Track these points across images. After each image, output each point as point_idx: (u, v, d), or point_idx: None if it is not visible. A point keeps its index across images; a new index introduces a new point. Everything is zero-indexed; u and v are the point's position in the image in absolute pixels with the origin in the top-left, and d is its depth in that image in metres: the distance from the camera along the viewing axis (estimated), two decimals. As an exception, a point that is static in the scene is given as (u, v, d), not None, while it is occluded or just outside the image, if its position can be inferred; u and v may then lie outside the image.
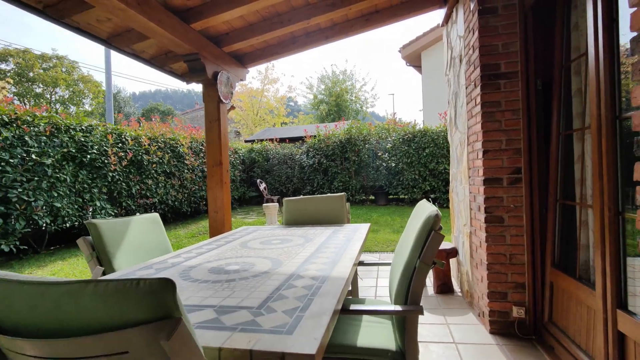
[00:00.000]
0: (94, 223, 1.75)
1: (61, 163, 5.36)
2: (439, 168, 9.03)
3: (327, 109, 30.04)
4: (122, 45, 3.18)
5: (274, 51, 3.99)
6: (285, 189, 11.26)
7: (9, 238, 4.59)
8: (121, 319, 0.57)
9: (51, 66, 31.86)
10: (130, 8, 2.28)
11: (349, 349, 1.30)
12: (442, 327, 2.57)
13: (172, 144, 7.93)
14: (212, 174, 3.42)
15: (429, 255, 1.18)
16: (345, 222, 2.64)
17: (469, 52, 2.68)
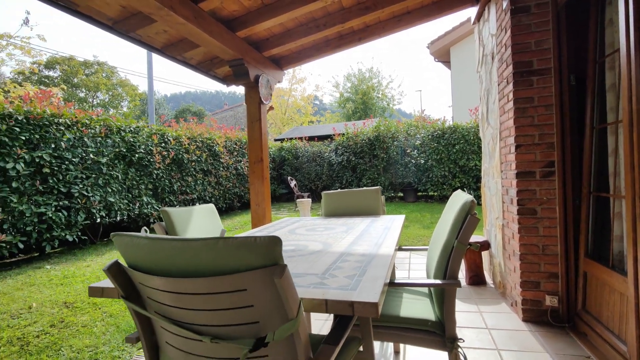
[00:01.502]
0: (166, 211, 2.04)
1: (114, 162, 5.87)
2: (470, 164, 8.94)
3: (354, 107, 30.06)
4: (175, 54, 3.51)
5: (309, 54, 4.21)
6: (315, 186, 11.52)
7: (72, 229, 5.12)
8: (244, 265, 0.79)
9: (93, 72, 33.94)
10: (189, 22, 2.57)
11: (394, 319, 1.48)
12: (475, 314, 2.68)
13: (209, 143, 8.38)
14: (254, 170, 3.69)
15: (465, 236, 1.34)
16: (381, 213, 2.81)
17: (501, 50, 2.77)
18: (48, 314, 2.98)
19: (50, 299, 3.33)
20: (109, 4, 2.60)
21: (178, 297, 0.86)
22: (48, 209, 4.75)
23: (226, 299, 0.82)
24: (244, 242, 0.78)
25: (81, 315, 2.97)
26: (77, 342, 2.52)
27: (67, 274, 4.11)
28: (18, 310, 3.07)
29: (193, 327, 0.88)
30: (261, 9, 3.11)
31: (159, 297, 0.91)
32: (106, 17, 2.78)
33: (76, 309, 3.09)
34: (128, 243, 0.91)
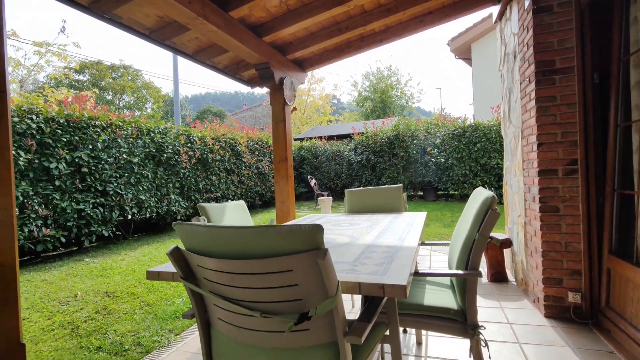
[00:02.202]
0: (203, 206, 2.21)
1: (144, 161, 6.18)
2: (492, 163, 8.82)
3: (372, 106, 29.97)
4: (205, 59, 3.71)
5: (330, 56, 4.32)
6: (334, 185, 11.63)
7: (107, 225, 5.44)
8: (291, 249, 0.91)
9: (119, 75, 35.26)
10: (220, 29, 2.74)
11: (418, 307, 1.58)
12: (497, 310, 2.73)
13: (232, 143, 8.64)
14: (278, 168, 3.85)
15: (487, 229, 1.43)
16: (403, 210, 2.90)
17: (523, 49, 2.80)
18: (92, 302, 3.24)
19: (92, 288, 3.60)
20: (148, 15, 2.80)
21: (231, 276, 1.00)
22: (86, 205, 5.08)
23: (274, 279, 0.95)
24: (290, 229, 0.91)
25: (121, 304, 3.20)
26: (120, 327, 2.74)
27: (105, 267, 4.40)
28: (65, 298, 3.34)
29: (244, 304, 1.02)
30: (286, 14, 3.25)
31: (214, 277, 1.05)
32: (144, 27, 2.99)
33: (116, 298, 3.34)
34: (188, 231, 1.06)
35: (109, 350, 2.41)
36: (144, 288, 3.61)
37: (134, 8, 2.59)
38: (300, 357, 1.04)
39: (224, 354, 1.18)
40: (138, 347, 2.45)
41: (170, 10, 2.39)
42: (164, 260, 4.72)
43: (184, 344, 2.50)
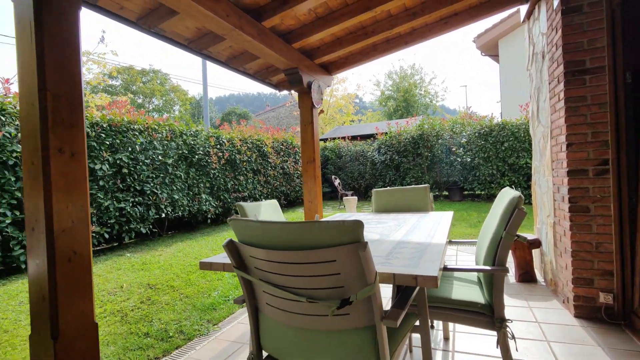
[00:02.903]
0: (241, 205, 2.38)
1: (177, 162, 6.51)
2: (520, 162, 8.62)
3: (395, 105, 29.71)
4: (237, 66, 3.91)
5: (356, 59, 4.42)
6: (358, 185, 11.70)
7: (145, 222, 5.79)
8: (334, 241, 1.04)
9: (149, 79, 36.75)
10: (254, 39, 2.91)
11: (446, 301, 1.67)
12: (525, 309, 2.75)
13: (258, 144, 8.90)
14: (307, 169, 3.99)
15: (513, 228, 1.50)
16: (429, 210, 2.97)
17: (552, 50, 2.80)
18: (136, 293, 3.50)
19: (135, 281, 3.88)
20: (187, 27, 3.02)
21: (280, 266, 1.14)
22: (126, 204, 5.44)
23: (319, 268, 1.08)
24: (334, 225, 1.04)
25: (163, 295, 3.45)
26: (163, 316, 2.97)
27: (145, 261, 4.71)
28: (113, 289, 3.63)
29: (291, 290, 1.15)
30: (315, 21, 3.39)
31: (264, 266, 1.19)
32: (183, 38, 3.22)
33: (158, 290, 3.59)
34: (242, 225, 1.21)
35: (155, 336, 2.63)
36: (181, 282, 3.85)
37: (176, 22, 2.81)
38: (340, 339, 1.17)
39: (271, 335, 1.33)
40: (181, 335, 2.66)
41: (210, 23, 2.58)
42: (197, 256, 4.99)
43: (221, 333, 2.68)
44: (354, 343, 1.15)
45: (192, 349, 2.47)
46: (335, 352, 1.17)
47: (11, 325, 2.81)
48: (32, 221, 1.43)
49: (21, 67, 1.44)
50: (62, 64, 1.47)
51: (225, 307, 3.17)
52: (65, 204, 1.46)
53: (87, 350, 1.51)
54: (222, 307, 3.17)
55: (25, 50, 1.42)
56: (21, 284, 3.90)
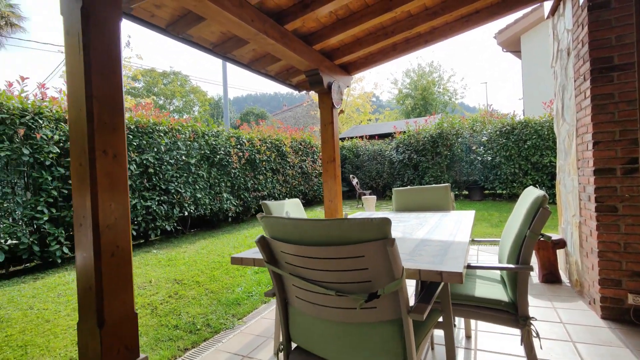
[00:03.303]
0: (266, 203, 2.46)
1: (200, 162, 6.70)
2: (544, 161, 8.40)
3: (413, 103, 29.38)
4: (259, 68, 4.01)
5: (375, 59, 4.45)
6: (376, 184, 11.68)
7: (169, 220, 6.00)
8: (362, 237, 1.10)
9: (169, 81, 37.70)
10: (277, 42, 2.99)
11: (470, 298, 1.70)
12: (549, 310, 2.72)
13: (277, 144, 9.03)
14: (327, 169, 4.05)
15: (538, 226, 1.51)
16: (450, 209, 2.97)
17: (578, 46, 2.75)
18: (164, 288, 3.66)
19: (163, 276, 4.05)
20: (213, 32, 3.13)
21: (311, 260, 1.20)
22: (152, 203, 5.65)
23: (348, 263, 1.14)
24: (363, 222, 1.09)
25: (189, 290, 3.59)
26: (191, 309, 3.10)
27: (170, 258, 4.89)
28: (142, 283, 3.80)
29: (321, 284, 1.22)
30: (335, 23, 3.44)
31: (294, 261, 1.26)
32: (209, 43, 3.34)
33: (184, 285, 3.74)
34: (274, 222, 1.28)
35: (184, 328, 2.75)
36: (206, 277, 3.99)
37: (203, 28, 2.92)
38: (367, 331, 1.22)
39: (300, 327, 1.39)
40: (208, 328, 2.78)
41: (236, 28, 2.67)
42: (220, 253, 5.13)
43: (246, 327, 2.78)
44: (380, 335, 1.21)
45: (219, 341, 2.57)
46: (362, 344, 1.23)
47: (52, 316, 3.00)
48: (80, 217, 1.55)
49: (70, 75, 1.56)
50: (105, 72, 1.58)
51: (248, 302, 3.28)
52: (109, 202, 1.57)
53: (128, 337, 1.62)
54: (245, 302, 3.27)
55: (74, 60, 1.54)
56: (58, 277, 4.13)
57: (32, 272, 4.41)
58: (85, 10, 1.51)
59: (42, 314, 3.05)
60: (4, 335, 2.63)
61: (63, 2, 1.57)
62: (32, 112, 4.41)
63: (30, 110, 4.41)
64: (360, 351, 1.24)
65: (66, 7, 1.56)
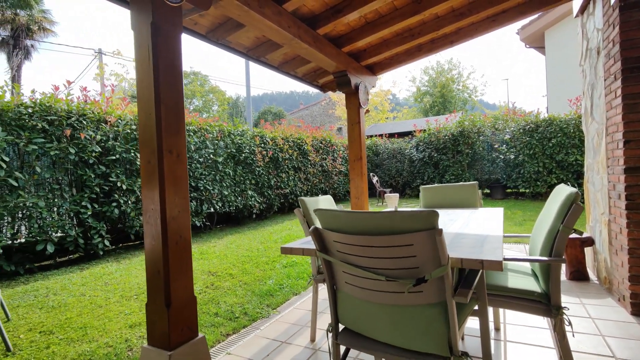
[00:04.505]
0: (302, 199, 2.62)
1: (226, 161, 6.95)
2: (569, 159, 8.26)
3: (431, 101, 29.05)
4: (288, 70, 4.17)
5: (401, 59, 4.53)
6: (395, 182, 11.71)
7: (199, 216, 6.27)
8: (412, 228, 1.23)
9: (190, 81, 38.55)
10: (310, 46, 3.14)
11: (503, 289, 1.80)
12: (578, 306, 2.77)
13: (299, 143, 9.21)
14: (354, 167, 4.18)
15: (571, 221, 1.60)
16: (478, 206, 3.06)
17: (609, 46, 2.78)
18: (201, 279, 3.88)
19: (198, 268, 4.28)
20: (249, 37, 3.31)
21: (362, 249, 1.34)
22: (183, 199, 5.92)
23: (397, 251, 1.27)
24: (412, 214, 1.22)
25: (224, 282, 3.80)
26: (227, 299, 3.30)
27: (202, 251, 5.14)
28: (180, 274, 4.04)
29: (371, 270, 1.36)
30: (364, 26, 3.56)
31: (346, 249, 1.40)
32: (244, 47, 3.52)
33: (219, 277, 3.96)
34: (328, 214, 1.43)
35: (223, 316, 2.95)
36: (238, 270, 4.20)
37: (241, 34, 3.11)
38: (413, 313, 1.35)
39: (348, 310, 1.54)
40: (245, 316, 2.96)
41: (274, 34, 2.83)
42: (248, 248, 5.35)
43: (281, 316, 2.95)
44: (425, 317, 1.34)
45: (257, 328, 2.75)
46: (408, 325, 1.36)
47: (103, 302, 3.26)
48: (149, 209, 1.75)
49: (140, 83, 1.75)
50: (170, 80, 1.77)
51: (280, 294, 3.45)
52: (174, 197, 1.76)
53: (189, 318, 1.81)
54: (278, 294, 3.45)
55: (144, 69, 1.72)
56: (101, 268, 4.43)
57: (77, 263, 4.74)
58: (154, 26, 1.69)
59: (93, 300, 3.31)
60: (64, 318, 2.90)
61: (134, 18, 1.76)
62: (76, 114, 4.72)
63: (74, 112, 4.72)
64: (406, 331, 1.37)
65: (137, 23, 1.75)
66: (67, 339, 2.55)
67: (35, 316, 2.96)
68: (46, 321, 2.85)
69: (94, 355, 2.31)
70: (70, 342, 2.50)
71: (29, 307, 3.18)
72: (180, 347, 1.72)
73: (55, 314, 3.00)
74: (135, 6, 1.75)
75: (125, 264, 4.62)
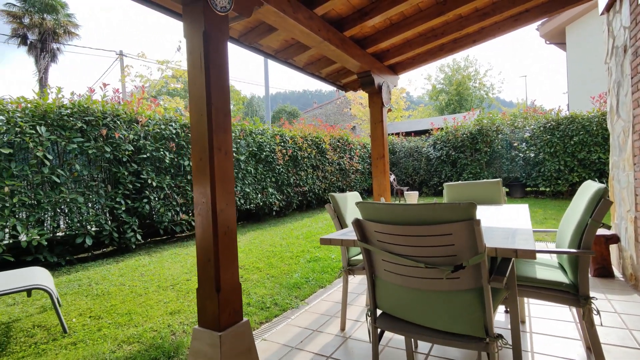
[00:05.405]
0: (333, 195, 2.75)
1: (248, 159, 7.15)
2: (592, 157, 8.13)
3: (447, 99, 28.74)
4: (313, 70, 4.31)
5: (422, 59, 4.61)
6: (412, 181, 11.73)
7: (223, 213, 6.48)
8: (451, 218, 1.34)
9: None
10: (338, 48, 3.27)
11: (531, 280, 1.89)
12: (603, 301, 2.81)
13: (317, 142, 9.35)
14: (376, 165, 4.29)
15: (599, 215, 1.68)
16: (502, 203, 3.12)
17: (636, 44, 2.80)
18: (230, 272, 4.06)
19: (226, 262, 4.47)
20: (278, 40, 3.45)
21: (403, 238, 1.46)
22: (208, 196, 6.14)
23: (437, 240, 1.39)
24: (451, 206, 1.34)
25: (252, 274, 3.97)
26: (257, 290, 3.46)
27: (228, 246, 5.33)
28: (210, 267, 4.24)
29: (411, 258, 1.47)
30: (389, 27, 3.66)
31: (386, 239, 1.52)
32: (272, 50, 3.67)
33: (247, 270, 4.13)
34: (369, 206, 1.55)
35: (255, 305, 3.11)
36: (264, 264, 4.37)
37: (272, 37, 3.25)
38: (450, 298, 1.46)
39: (386, 296, 1.66)
40: (276, 306, 3.12)
41: (305, 38, 2.97)
42: (271, 243, 5.52)
43: (310, 307, 3.09)
44: (461, 301, 1.45)
45: (288, 318, 2.90)
46: (446, 309, 1.48)
47: (142, 291, 3.47)
48: (200, 202, 1.91)
49: (192, 87, 1.91)
50: (219, 83, 1.92)
51: (307, 286, 3.59)
52: (222, 191, 1.92)
53: (236, 302, 1.97)
54: (304, 286, 3.59)
55: (196, 74, 1.88)
56: (135, 260, 4.67)
57: (112, 256, 5.00)
58: (206, 35, 1.85)
59: (133, 289, 3.53)
60: (109, 305, 3.12)
61: (187, 28, 1.92)
62: (110, 114, 4.98)
63: (109, 112, 4.98)
64: (443, 315, 1.49)
65: (189, 32, 1.91)
66: (115, 323, 2.76)
67: (83, 303, 3.19)
68: (94, 307, 3.07)
69: (141, 338, 2.50)
70: (118, 326, 2.71)
71: (75, 294, 3.42)
72: (229, 329, 1.88)
73: (101, 301, 3.23)
74: (188, 18, 1.91)
75: (156, 257, 4.86)
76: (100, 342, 2.45)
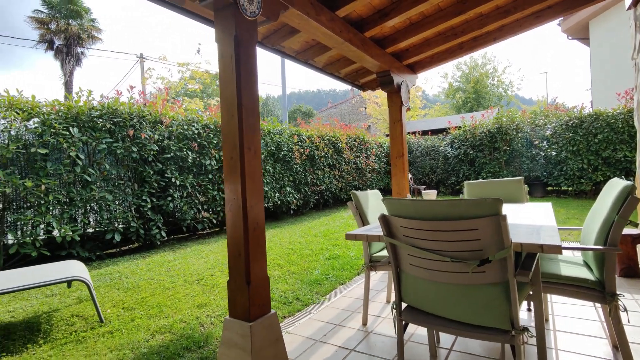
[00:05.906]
0: (355, 193, 2.81)
1: (267, 158, 7.27)
2: (617, 156, 7.90)
3: (464, 97, 28.29)
4: (332, 70, 4.37)
5: (441, 57, 4.60)
6: (429, 180, 11.64)
7: (242, 211, 6.62)
8: (478, 214, 1.38)
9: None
10: (358, 49, 3.32)
11: (556, 277, 1.90)
12: (630, 301, 2.78)
13: (334, 141, 9.41)
14: (395, 163, 4.32)
15: (627, 212, 1.68)
16: (524, 201, 3.11)
17: (665, 40, 2.75)
18: (252, 268, 4.17)
19: (247, 258, 4.59)
20: (299, 42, 3.53)
21: (429, 233, 1.51)
22: (229, 195, 6.30)
23: (463, 234, 1.43)
24: (479, 201, 1.38)
25: (273, 271, 4.07)
26: (279, 286, 3.55)
27: (248, 244, 5.46)
28: (232, 263, 4.37)
29: (438, 252, 1.52)
30: (408, 27, 3.69)
31: (412, 234, 1.58)
32: (293, 51, 3.76)
33: (268, 267, 4.23)
34: (395, 202, 1.61)
35: (278, 300, 3.20)
36: (285, 261, 4.46)
37: (294, 39, 3.33)
38: (475, 292, 1.51)
39: (412, 289, 1.71)
40: (298, 301, 3.20)
41: (327, 40, 3.04)
42: (290, 241, 5.62)
43: (331, 303, 3.16)
44: (486, 295, 1.48)
45: (310, 312, 2.98)
46: (470, 302, 1.52)
47: (170, 285, 3.62)
48: (231, 199, 2.00)
49: (223, 89, 2.01)
50: (249, 86, 2.01)
51: (327, 283, 3.66)
52: (252, 188, 2.01)
53: (264, 295, 2.05)
54: (325, 283, 3.66)
55: (228, 76, 1.98)
56: (161, 256, 4.85)
57: (138, 252, 5.20)
58: (237, 39, 1.94)
59: (161, 283, 3.68)
60: (140, 297, 3.27)
61: (218, 33, 2.02)
62: (137, 116, 5.18)
63: (135, 114, 5.18)
64: (469, 308, 1.53)
65: (221, 36, 2.01)
66: (146, 314, 2.90)
67: (115, 295, 3.36)
68: (126, 299, 3.23)
69: (172, 329, 2.63)
70: (150, 317, 2.85)
71: (107, 287, 3.59)
72: (258, 320, 1.97)
73: (132, 294, 3.39)
74: (220, 24, 2.00)
75: (181, 253, 5.03)
76: (135, 332, 2.58)
